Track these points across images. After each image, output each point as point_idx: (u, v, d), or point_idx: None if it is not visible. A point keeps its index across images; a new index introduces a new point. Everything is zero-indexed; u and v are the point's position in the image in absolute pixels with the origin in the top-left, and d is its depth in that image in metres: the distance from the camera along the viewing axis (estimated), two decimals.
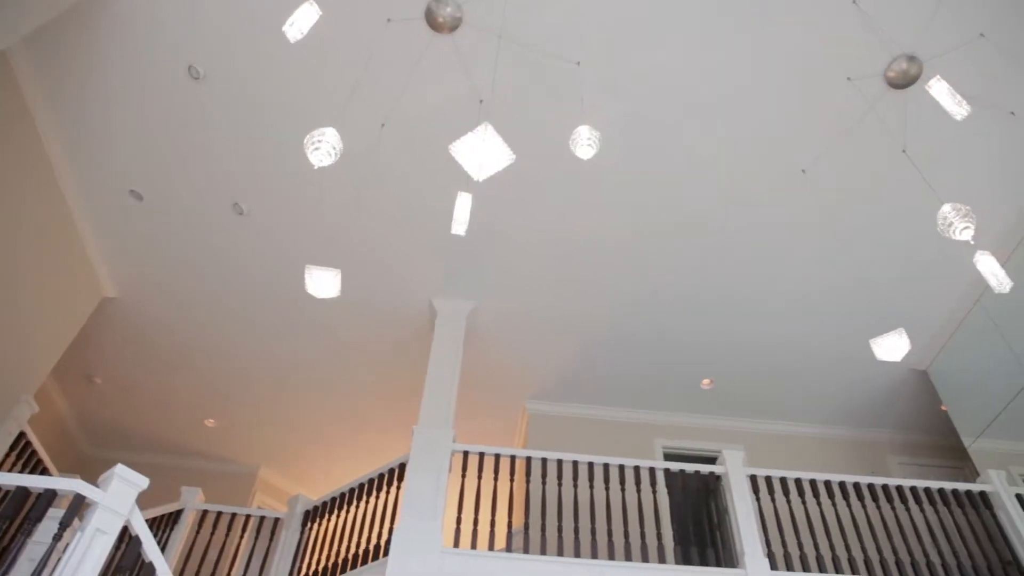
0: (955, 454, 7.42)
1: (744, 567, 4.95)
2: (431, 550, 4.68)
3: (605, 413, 7.59)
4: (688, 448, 7.47)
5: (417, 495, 4.98)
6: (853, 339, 6.68)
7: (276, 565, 5.76)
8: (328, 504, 6.01)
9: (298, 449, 8.51)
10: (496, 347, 6.94)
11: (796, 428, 7.82)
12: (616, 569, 4.83)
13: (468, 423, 7.58)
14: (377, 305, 6.57)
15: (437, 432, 5.36)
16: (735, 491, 5.41)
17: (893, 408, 7.61)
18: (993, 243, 5.85)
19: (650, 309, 6.56)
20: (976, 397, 6.45)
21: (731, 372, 7.21)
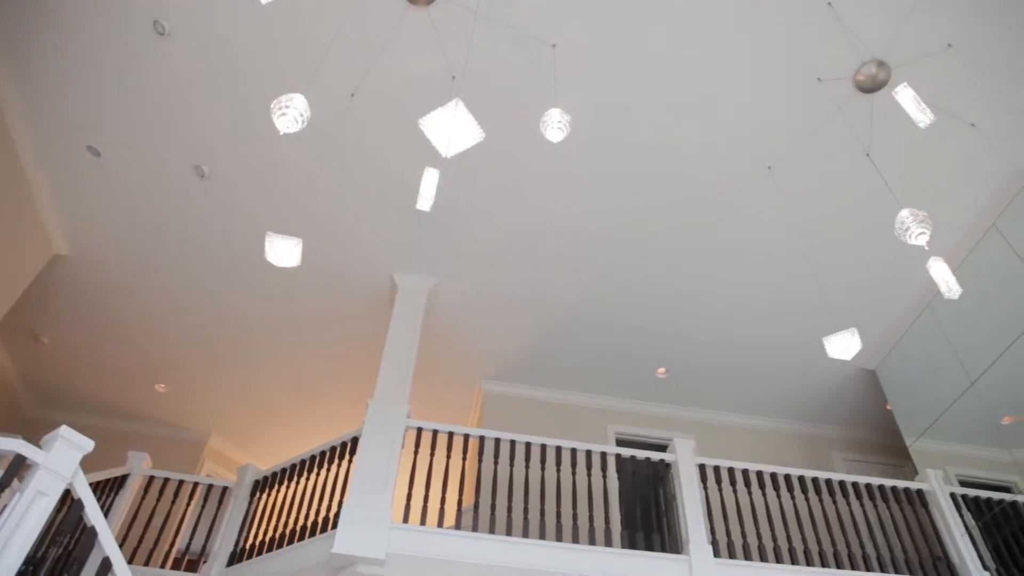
0: (897, 452, 7.66)
1: (688, 553, 5.06)
2: (380, 525, 4.68)
3: (560, 396, 7.65)
4: (640, 435, 7.57)
5: (368, 469, 4.97)
6: (806, 337, 6.82)
7: (223, 534, 5.70)
8: (278, 475, 5.96)
9: (250, 419, 8.41)
10: (455, 325, 6.94)
11: (746, 420, 7.98)
12: (563, 551, 4.90)
13: (423, 400, 7.58)
14: (337, 277, 6.50)
15: (392, 407, 5.35)
16: (684, 479, 5.51)
17: (840, 405, 7.82)
18: (946, 250, 6.01)
19: (610, 297, 6.61)
20: (920, 399, 6.65)
21: (686, 363, 7.32)
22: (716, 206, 5.80)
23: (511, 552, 4.81)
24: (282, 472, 5.94)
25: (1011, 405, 5.75)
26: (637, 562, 4.95)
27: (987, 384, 5.82)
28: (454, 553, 4.72)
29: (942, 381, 6.27)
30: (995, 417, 5.78)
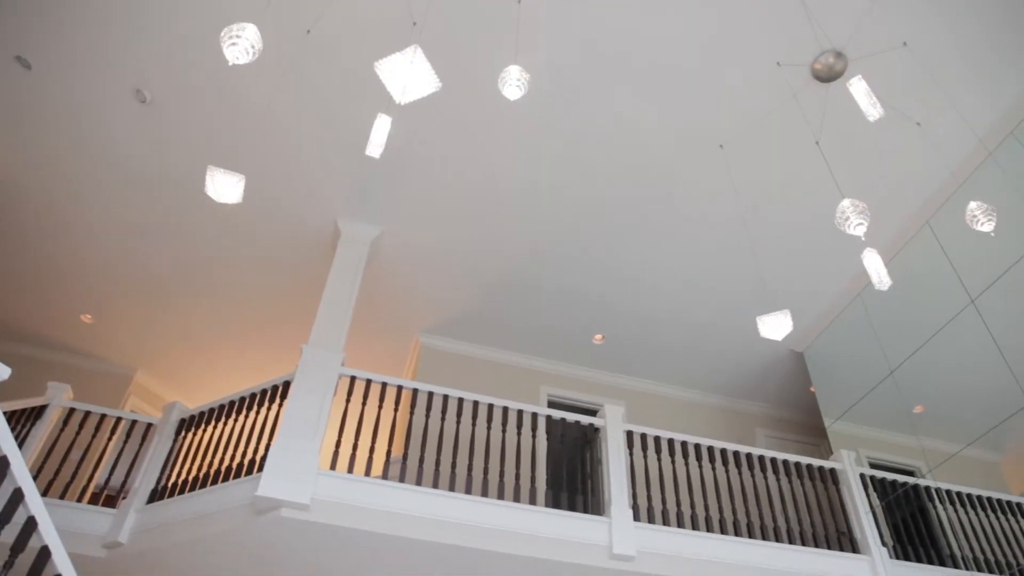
0: (815, 432, 8.00)
1: (609, 516, 5.20)
2: (307, 470, 4.66)
3: (496, 355, 7.70)
4: (572, 399, 7.70)
5: (299, 414, 4.92)
6: (740, 316, 7.01)
7: (144, 471, 5.59)
8: (206, 414, 5.85)
9: (179, 356, 8.22)
10: (397, 276, 6.87)
11: (676, 392, 8.19)
12: (487, 506, 4.97)
13: (358, 349, 7.53)
14: (280, 218, 6.34)
15: (326, 354, 5.29)
16: (611, 444, 5.64)
17: (767, 384, 8.09)
18: (881, 243, 6.22)
19: (553, 261, 6.64)
20: (842, 383, 6.93)
21: (623, 332, 7.44)
22: (666, 180, 5.85)
23: (436, 504, 4.86)
24: (210, 412, 5.83)
25: (924, 395, 6.04)
26: (559, 521, 5.06)
27: (905, 374, 6.09)
28: (379, 502, 4.74)
29: (864, 368, 6.53)
30: (909, 405, 6.07)
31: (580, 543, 5.01)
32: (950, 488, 5.76)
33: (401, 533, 4.68)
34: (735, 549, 5.40)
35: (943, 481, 5.77)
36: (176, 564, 5.23)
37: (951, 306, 5.68)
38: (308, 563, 5.10)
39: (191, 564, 5.20)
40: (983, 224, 3.95)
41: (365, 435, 6.66)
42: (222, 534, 4.80)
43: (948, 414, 5.97)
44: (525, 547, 4.88)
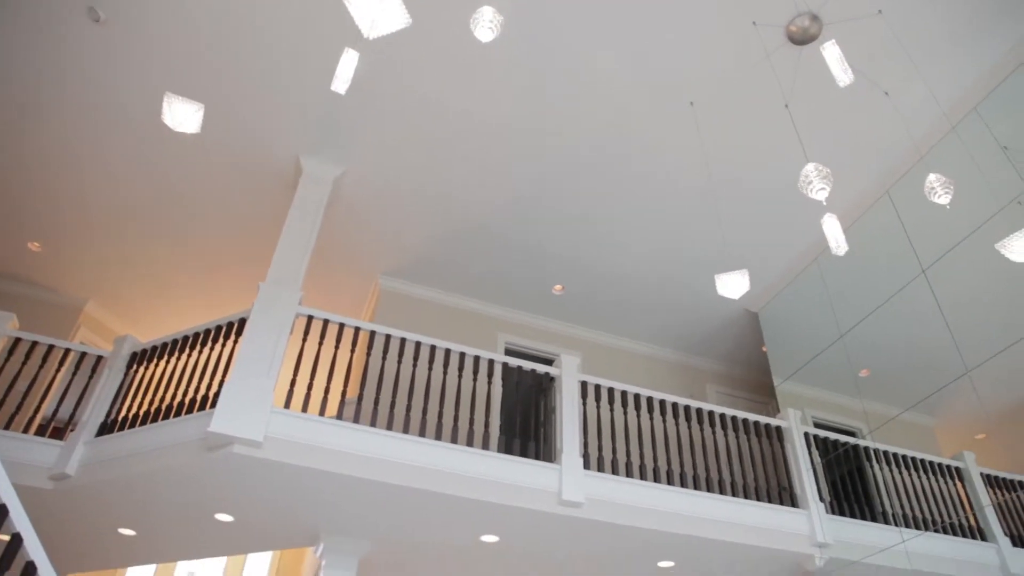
0: (764, 391, 8.22)
1: (560, 463, 5.31)
2: (260, 407, 4.64)
3: (455, 301, 7.69)
4: (529, 347, 7.76)
5: (253, 352, 4.88)
6: (700, 273, 7.10)
7: (94, 404, 5.50)
8: (159, 348, 5.76)
9: (132, 289, 8.02)
10: (358, 216, 6.76)
11: (631, 345, 8.31)
12: (440, 449, 5.03)
13: (317, 289, 7.44)
14: (240, 151, 6.16)
15: (284, 291, 5.23)
16: (565, 393, 5.73)
17: (721, 342, 8.25)
18: (841, 209, 6.31)
19: (516, 208, 6.59)
20: (793, 344, 7.10)
21: (582, 284, 7.48)
22: (635, 135, 5.83)
23: (389, 446, 4.90)
24: (163, 346, 5.74)
25: (870, 360, 6.22)
26: (511, 466, 5.15)
27: (853, 338, 6.26)
28: (333, 442, 4.76)
29: (815, 330, 6.69)
30: (855, 369, 6.25)
31: (530, 488, 5.11)
32: (887, 449, 5.99)
33: (354, 473, 4.72)
34: (680, 499, 5.57)
35: (881, 442, 5.99)
36: (125, 498, 5.20)
37: (903, 275, 5.82)
38: (260, 500, 5.12)
39: (141, 498, 5.19)
40: (940, 196, 4.02)
41: (321, 375, 6.63)
42: (173, 469, 4.78)
43: (891, 379, 6.17)
44: (476, 490, 4.96)
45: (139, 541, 5.90)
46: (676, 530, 5.42)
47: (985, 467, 5.39)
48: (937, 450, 5.79)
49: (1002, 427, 5.14)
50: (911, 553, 5.32)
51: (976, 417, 5.29)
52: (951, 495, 5.56)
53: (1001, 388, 5.05)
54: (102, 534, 5.80)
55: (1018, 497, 5.01)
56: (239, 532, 5.66)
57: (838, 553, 5.81)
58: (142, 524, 5.61)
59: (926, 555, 5.28)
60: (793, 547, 5.77)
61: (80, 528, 5.71)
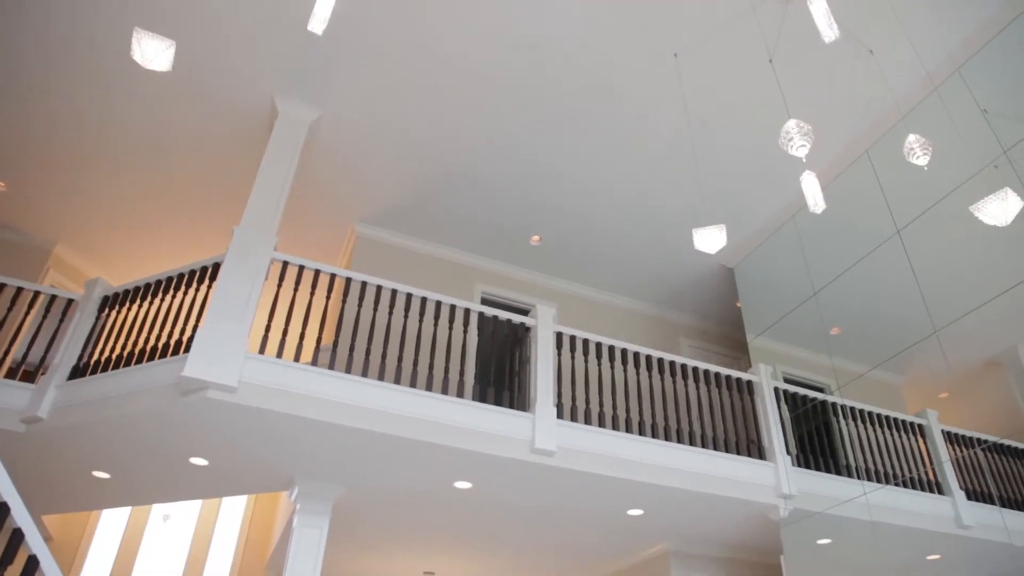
0: (737, 345, 8.34)
1: (533, 412, 5.37)
2: (234, 353, 4.62)
3: (432, 250, 7.65)
4: (505, 297, 7.77)
5: (228, 297, 4.83)
6: (677, 226, 7.11)
7: (65, 347, 5.44)
8: (131, 292, 5.69)
9: (102, 232, 7.86)
10: (335, 162, 6.64)
11: (607, 297, 8.36)
12: (415, 396, 5.05)
13: (292, 235, 7.34)
14: (214, 91, 5.99)
15: (259, 236, 5.16)
16: (540, 344, 5.76)
17: (696, 296, 8.32)
18: (820, 167, 6.32)
19: (495, 156, 6.51)
20: (767, 300, 7.18)
21: (560, 235, 7.46)
22: (617, 85, 5.75)
23: (364, 392, 4.91)
24: (135, 290, 5.67)
25: (842, 318, 6.32)
26: (485, 414, 5.20)
27: (826, 296, 6.34)
28: (307, 388, 4.76)
29: (789, 287, 6.77)
30: (827, 326, 6.35)
31: (504, 436, 5.17)
32: (854, 405, 6.13)
33: (328, 419, 4.74)
34: (651, 449, 5.67)
35: (848, 399, 6.13)
36: (99, 441, 5.19)
37: (878, 235, 5.87)
38: (234, 445, 5.14)
39: (114, 442, 5.18)
40: (919, 157, 4.03)
41: (296, 322, 6.59)
42: (146, 413, 4.77)
43: (861, 337, 6.28)
44: (450, 437, 5.01)
45: (113, 484, 5.91)
46: (646, 479, 5.54)
47: (946, 424, 5.54)
48: (902, 407, 5.94)
49: (964, 387, 5.28)
50: (872, 505, 5.49)
51: (941, 376, 5.42)
52: (912, 451, 5.73)
53: (966, 349, 5.17)
54: (76, 477, 5.80)
55: (975, 454, 5.17)
56: (214, 476, 5.69)
57: (802, 504, 5.99)
58: (116, 467, 5.62)
59: (886, 507, 5.45)
60: (759, 498, 5.92)
61: (54, 471, 5.71)
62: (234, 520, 9.36)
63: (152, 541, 8.86)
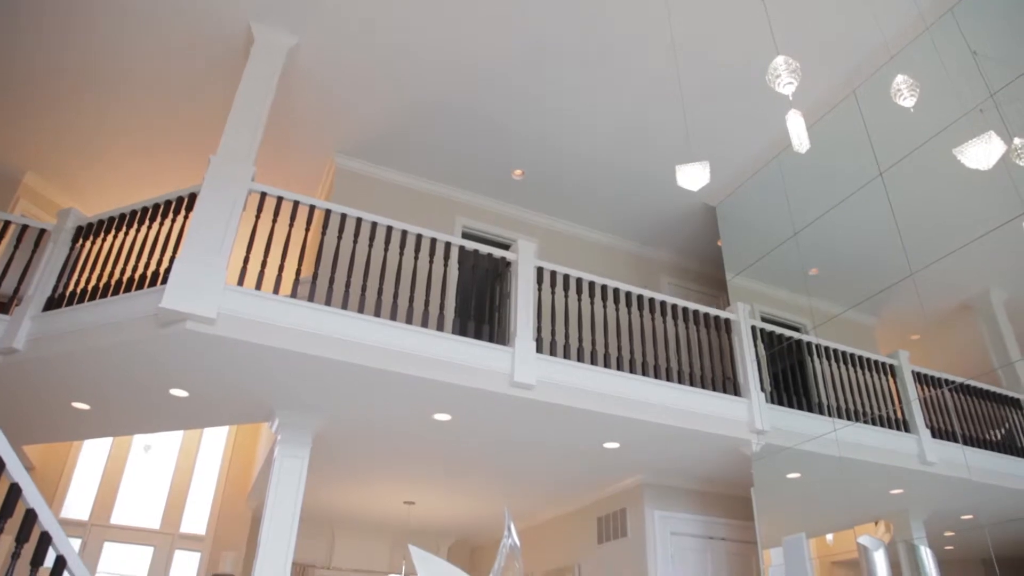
0: (716, 284, 8.40)
1: (513, 346, 5.41)
2: (213, 284, 4.57)
3: (413, 182, 7.54)
4: (486, 231, 7.72)
5: (205, 227, 4.75)
6: (660, 162, 7.06)
7: (39, 278, 5.35)
8: (105, 223, 5.58)
9: (74, 160, 7.65)
10: (313, 90, 6.45)
11: (588, 233, 8.34)
12: (395, 329, 5.06)
13: (270, 166, 7.17)
14: (188, 16, 5.76)
15: (236, 166, 5.05)
16: (521, 278, 5.77)
17: (677, 234, 8.34)
18: (806, 105, 6.25)
19: (478, 86, 6.35)
20: (748, 239, 7.21)
21: (543, 169, 7.37)
22: (603, 16, 5.60)
23: (344, 324, 4.91)
24: (110, 220, 5.56)
25: (821, 259, 6.37)
26: (464, 348, 5.23)
27: (807, 237, 6.37)
28: (287, 319, 4.74)
29: (770, 227, 6.79)
30: (805, 267, 6.40)
31: (483, 370, 5.22)
32: (828, 345, 6.23)
33: (308, 351, 4.74)
34: (628, 384, 5.76)
35: (823, 338, 6.23)
36: (77, 373, 5.17)
37: (861, 176, 5.87)
38: (214, 376, 5.14)
39: (93, 373, 5.16)
40: (905, 99, 4.00)
41: (275, 254, 6.51)
42: (125, 345, 4.74)
43: (838, 278, 6.35)
44: (430, 370, 5.05)
45: (93, 415, 5.92)
46: (623, 413, 5.64)
47: (916, 365, 5.66)
48: (875, 348, 6.04)
49: (936, 329, 5.37)
50: (840, 441, 5.64)
51: (914, 318, 5.51)
52: (883, 390, 5.86)
53: (940, 292, 5.24)
54: (55, 408, 5.79)
55: (942, 393, 5.29)
56: (194, 407, 5.71)
57: (774, 439, 6.15)
58: (95, 398, 5.61)
59: (854, 443, 5.60)
60: (732, 432, 6.07)
61: (32, 402, 5.69)
62: (215, 451, 9.47)
63: (134, 472, 8.96)
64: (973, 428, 4.97)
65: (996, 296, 5.05)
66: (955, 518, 4.95)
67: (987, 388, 4.99)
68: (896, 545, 5.03)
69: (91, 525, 8.40)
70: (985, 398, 5.00)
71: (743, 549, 7.09)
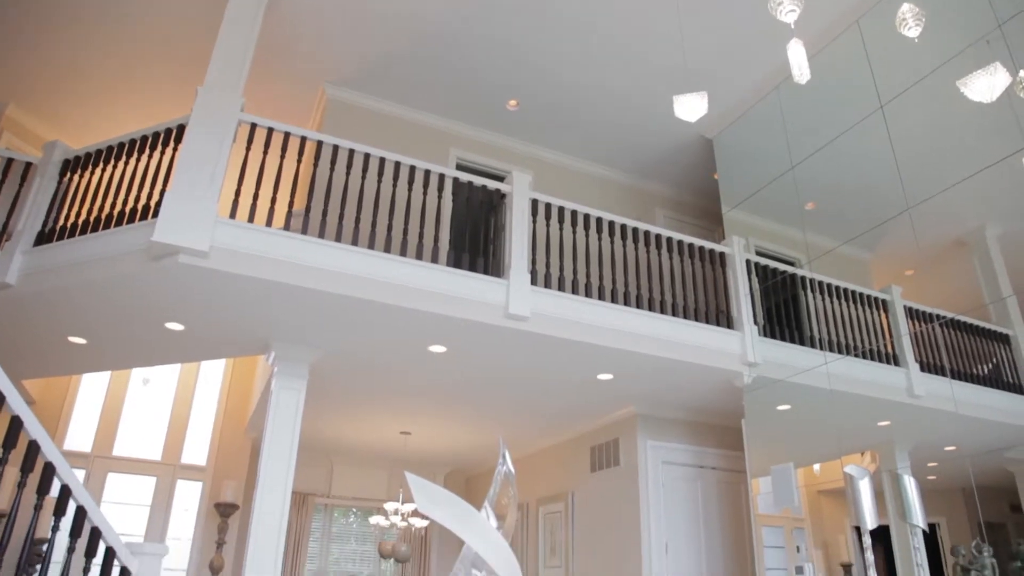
0: (712, 217, 8.37)
1: (508, 278, 5.41)
2: (205, 217, 4.53)
3: (406, 113, 7.39)
4: (481, 163, 7.63)
5: (195, 159, 4.68)
6: (658, 93, 6.92)
7: (27, 213, 5.29)
8: (92, 156, 5.48)
9: (58, 92, 7.45)
10: (303, 17, 6.22)
11: (584, 165, 8.24)
12: (389, 261, 5.04)
13: (260, 96, 7.01)
14: None
15: (224, 96, 4.94)
16: (516, 210, 5.73)
17: (673, 167, 8.24)
18: (808, 35, 6.09)
19: (474, 14, 6.15)
20: (744, 173, 7.15)
21: (538, 99, 7.22)
22: None
23: (338, 257, 4.89)
24: (97, 153, 5.46)
25: (818, 193, 6.33)
26: (459, 280, 5.22)
27: (804, 170, 6.31)
28: (281, 252, 4.72)
29: (767, 160, 6.72)
30: (802, 201, 6.37)
31: (478, 302, 5.23)
32: (822, 279, 6.26)
33: (303, 284, 4.73)
34: (623, 317, 5.80)
35: (818, 273, 6.25)
36: (71, 307, 5.17)
37: (861, 109, 5.78)
38: (209, 310, 5.15)
39: (88, 308, 5.16)
40: (910, 28, 3.90)
41: (266, 186, 6.43)
42: (118, 279, 4.73)
43: (835, 213, 6.33)
44: (424, 302, 5.05)
45: (90, 349, 5.95)
46: (617, 345, 5.68)
47: (909, 301, 5.70)
48: (869, 283, 6.07)
49: (930, 265, 5.38)
50: (831, 374, 5.72)
51: (909, 254, 5.51)
52: (874, 324, 5.91)
53: (936, 228, 5.24)
54: (51, 342, 5.82)
55: (932, 328, 5.34)
56: (190, 341, 5.74)
57: (765, 372, 6.23)
58: (92, 333, 5.63)
59: (844, 376, 5.67)
60: (725, 365, 6.14)
61: (28, 337, 5.71)
62: (214, 383, 9.57)
63: (134, 405, 9.07)
64: (961, 362, 5.04)
65: (991, 232, 5.05)
66: (939, 449, 5.07)
67: (977, 323, 5.03)
68: (881, 474, 5.16)
69: (94, 457, 8.54)
70: (975, 333, 5.06)
71: (733, 478, 7.27)
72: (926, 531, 4.83)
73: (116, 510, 8.31)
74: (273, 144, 5.24)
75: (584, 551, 7.53)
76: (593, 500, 7.54)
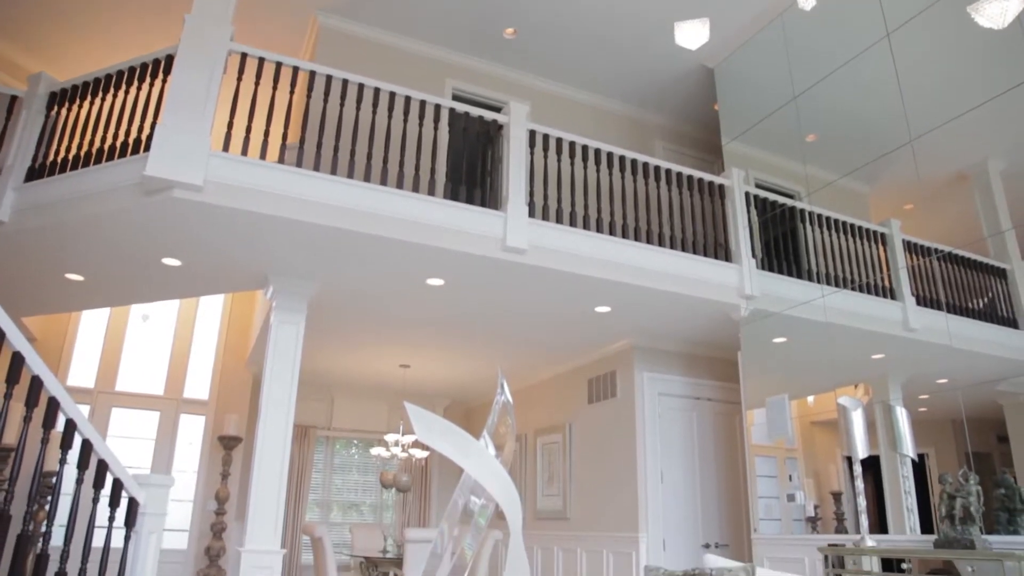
0: (711, 149, 8.26)
1: (505, 211, 5.37)
2: (197, 151, 4.46)
3: (401, 42, 7.20)
4: (478, 94, 7.48)
5: (185, 91, 4.57)
6: (659, 19, 6.73)
7: (16, 148, 5.19)
8: (80, 88, 5.35)
9: (40, 23, 7.23)
10: None
11: (582, 96, 8.08)
12: (385, 194, 5.00)
13: (249, 26, 6.81)
14: None
15: (213, 25, 4.79)
16: (513, 142, 5.64)
17: (673, 97, 8.09)
18: None
19: None
20: (745, 103, 7.02)
21: (536, 26, 7.01)
22: None
23: (333, 190, 4.84)
24: (84, 85, 5.33)
25: (819, 125, 6.23)
26: (457, 212, 5.19)
27: (806, 102, 6.20)
28: (276, 186, 4.67)
29: (769, 91, 6.59)
30: (803, 133, 6.28)
31: (475, 234, 5.20)
32: (821, 212, 6.21)
33: (299, 217, 4.70)
34: (620, 249, 5.78)
35: (817, 206, 6.21)
36: (66, 244, 5.14)
37: (866, 37, 5.64)
38: (206, 245, 5.12)
39: (83, 244, 5.13)
40: None
41: (259, 119, 6.32)
42: (112, 214, 4.69)
43: (836, 145, 6.23)
44: (422, 235, 5.03)
45: (88, 285, 5.95)
46: (614, 278, 5.69)
47: (907, 235, 5.67)
48: (868, 217, 6.03)
49: (930, 199, 5.34)
50: (828, 307, 5.74)
51: (909, 188, 5.46)
52: (872, 258, 5.89)
53: (938, 161, 5.17)
54: (49, 280, 5.81)
55: (929, 262, 5.33)
56: (188, 276, 5.74)
57: (762, 305, 6.25)
58: (88, 269, 5.62)
59: (840, 309, 5.70)
60: (722, 298, 6.16)
61: (25, 274, 5.70)
62: (213, 318, 9.61)
63: (135, 341, 9.12)
64: (957, 296, 5.05)
65: (994, 165, 4.98)
66: (931, 382, 5.13)
67: (974, 258, 5.02)
68: (873, 406, 5.24)
69: (97, 392, 8.64)
70: (972, 267, 5.05)
71: (728, 409, 7.40)
72: (915, 460, 4.94)
73: (122, 444, 8.46)
74: (265, 75, 5.11)
75: (581, 480, 7.71)
76: (590, 431, 7.69)
